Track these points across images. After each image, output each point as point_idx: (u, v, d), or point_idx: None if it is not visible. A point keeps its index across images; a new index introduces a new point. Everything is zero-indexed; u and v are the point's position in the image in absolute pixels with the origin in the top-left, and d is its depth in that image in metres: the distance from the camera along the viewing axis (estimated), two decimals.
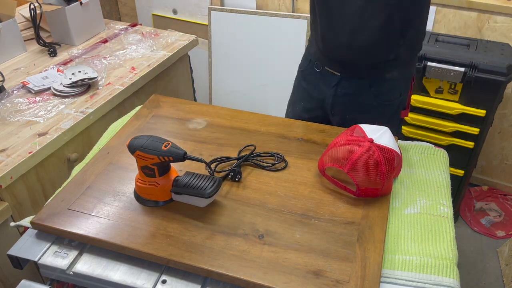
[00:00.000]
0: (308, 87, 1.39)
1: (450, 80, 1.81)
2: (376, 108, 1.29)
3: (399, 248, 0.88)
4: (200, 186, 0.91)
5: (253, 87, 2.55)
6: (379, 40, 1.18)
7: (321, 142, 1.14)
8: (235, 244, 0.86)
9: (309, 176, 1.03)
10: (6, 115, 1.40)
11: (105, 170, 1.05)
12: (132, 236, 0.87)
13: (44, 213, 0.93)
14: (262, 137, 1.15)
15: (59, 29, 1.85)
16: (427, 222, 0.93)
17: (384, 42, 1.19)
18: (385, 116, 1.31)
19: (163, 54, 1.79)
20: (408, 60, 1.28)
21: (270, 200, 0.96)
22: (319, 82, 1.34)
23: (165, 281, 0.83)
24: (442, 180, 1.05)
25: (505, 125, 2.18)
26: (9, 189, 1.22)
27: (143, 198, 0.95)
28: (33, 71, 1.67)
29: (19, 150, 1.26)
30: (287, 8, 2.33)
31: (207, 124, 1.21)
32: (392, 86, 1.28)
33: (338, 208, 0.94)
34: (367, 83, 1.27)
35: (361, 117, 1.22)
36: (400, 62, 1.25)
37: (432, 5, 2.03)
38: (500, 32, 1.98)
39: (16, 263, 0.90)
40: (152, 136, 0.91)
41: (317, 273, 0.80)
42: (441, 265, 0.84)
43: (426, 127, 1.96)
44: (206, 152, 1.10)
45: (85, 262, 0.86)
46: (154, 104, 1.29)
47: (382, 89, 1.27)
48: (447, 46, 1.87)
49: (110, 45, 1.87)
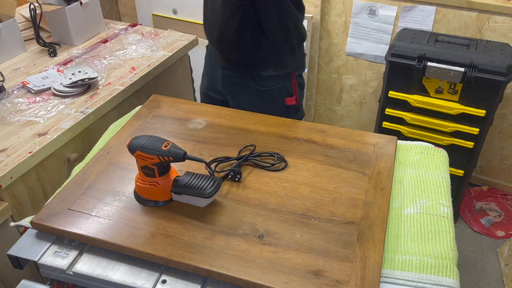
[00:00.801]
0: (208, 63, 1.54)
1: (450, 80, 1.81)
2: (256, 93, 1.40)
3: (399, 248, 0.88)
4: (200, 186, 0.91)
5: None
6: (242, 39, 1.27)
7: (321, 142, 1.14)
8: (235, 244, 0.86)
9: (309, 176, 1.03)
10: (6, 115, 1.40)
11: (105, 170, 1.05)
12: (132, 236, 0.87)
13: (44, 213, 0.93)
14: (262, 137, 1.16)
15: (59, 29, 1.85)
16: (427, 222, 0.93)
17: (247, 41, 1.28)
18: (266, 101, 1.41)
19: (163, 54, 1.79)
20: (283, 60, 1.35)
21: (270, 200, 0.96)
22: (214, 62, 1.47)
23: (165, 281, 0.83)
24: (442, 180, 1.05)
25: (505, 125, 2.18)
26: (9, 189, 1.22)
27: (143, 198, 0.95)
28: (33, 71, 1.67)
29: (19, 150, 1.26)
30: None
31: (207, 124, 1.21)
32: (269, 79, 1.38)
33: (338, 208, 0.94)
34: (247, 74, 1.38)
35: (247, 99, 1.41)
36: (273, 62, 1.34)
37: (432, 5, 2.03)
38: (500, 32, 1.98)
39: (16, 263, 0.90)
40: (152, 136, 0.91)
41: (317, 273, 0.80)
42: (441, 265, 0.84)
43: (426, 127, 1.96)
44: (206, 152, 1.10)
45: (85, 262, 0.87)
46: (154, 104, 1.30)
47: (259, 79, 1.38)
48: (447, 46, 1.87)
49: (110, 45, 1.87)
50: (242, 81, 1.42)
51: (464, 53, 1.81)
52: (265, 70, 1.37)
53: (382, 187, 0.99)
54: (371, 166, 1.05)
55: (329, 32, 2.34)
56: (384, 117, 2.03)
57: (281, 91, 1.41)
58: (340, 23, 2.28)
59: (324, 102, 2.60)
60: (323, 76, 2.50)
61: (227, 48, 1.36)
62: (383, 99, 2.00)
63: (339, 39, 2.33)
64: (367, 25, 2.23)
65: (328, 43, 2.37)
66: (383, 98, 2.00)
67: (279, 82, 1.39)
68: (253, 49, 1.31)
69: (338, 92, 2.52)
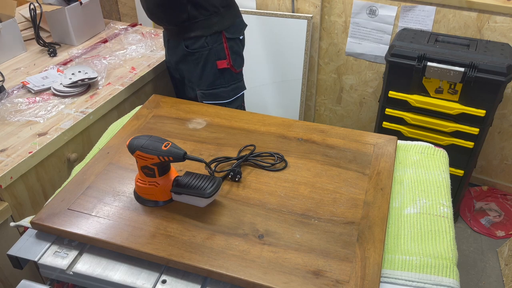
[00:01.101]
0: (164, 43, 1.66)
1: (450, 80, 1.81)
2: (189, 57, 1.53)
3: (399, 248, 0.88)
4: (200, 186, 0.91)
5: (253, 87, 2.55)
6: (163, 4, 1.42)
7: (321, 142, 1.14)
8: (235, 244, 0.86)
9: (309, 176, 1.03)
10: (6, 115, 1.40)
11: (105, 170, 1.05)
12: (132, 236, 0.87)
13: (44, 213, 0.93)
14: (262, 137, 1.16)
15: (59, 29, 1.85)
16: (427, 222, 0.93)
17: (168, 4, 1.41)
18: (198, 64, 1.53)
19: (163, 54, 1.79)
20: (207, 20, 1.47)
21: (270, 200, 0.96)
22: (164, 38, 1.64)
23: (165, 281, 0.83)
24: (442, 180, 1.05)
25: (505, 125, 2.18)
26: (9, 189, 1.22)
27: (143, 198, 0.95)
28: (33, 71, 1.67)
29: (19, 150, 1.26)
30: (287, 8, 2.33)
31: (207, 124, 1.21)
32: (197, 40, 1.49)
33: (338, 208, 0.94)
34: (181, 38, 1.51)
35: (184, 66, 1.56)
36: (199, 23, 1.46)
37: (432, 5, 2.03)
38: (500, 32, 1.98)
39: (16, 263, 0.90)
40: (152, 136, 0.91)
41: (317, 273, 0.80)
42: (441, 265, 0.84)
43: (426, 127, 1.96)
44: (206, 152, 1.10)
45: (85, 262, 0.87)
46: (154, 104, 1.30)
47: (190, 42, 1.50)
48: (447, 46, 1.87)
49: (110, 45, 1.87)
50: (178, 47, 1.54)
51: (464, 53, 1.80)
52: (194, 30, 1.47)
53: (382, 187, 0.99)
54: (371, 166, 1.05)
55: (329, 32, 2.33)
56: (384, 117, 2.03)
57: (211, 53, 1.50)
58: (340, 23, 2.28)
59: (324, 102, 2.60)
60: (323, 76, 2.50)
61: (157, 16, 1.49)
62: (383, 99, 2.00)
63: (339, 39, 2.33)
64: (367, 25, 2.23)
65: (328, 43, 2.37)
66: (383, 98, 2.00)
67: (208, 44, 1.49)
68: (177, 11, 1.43)
69: (338, 92, 2.52)
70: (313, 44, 2.36)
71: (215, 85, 1.55)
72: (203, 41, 1.49)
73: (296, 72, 2.43)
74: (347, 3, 2.21)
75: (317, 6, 2.24)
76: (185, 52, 1.52)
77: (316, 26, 2.30)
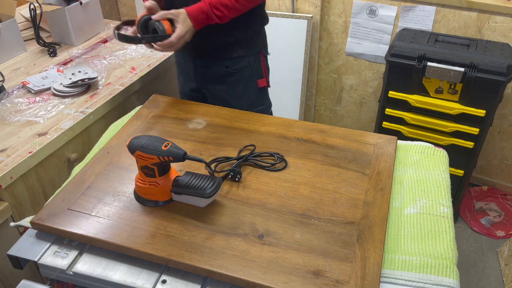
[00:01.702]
0: (179, 59, 1.57)
1: (450, 80, 1.81)
2: (228, 78, 1.46)
3: (399, 248, 0.88)
4: (200, 186, 0.91)
5: None
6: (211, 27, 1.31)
7: (321, 142, 1.14)
8: (235, 244, 0.86)
9: (309, 176, 1.03)
10: (6, 115, 1.40)
11: (105, 170, 1.05)
12: (132, 236, 0.87)
13: (44, 213, 0.93)
14: (262, 137, 1.16)
15: (59, 29, 1.85)
16: (427, 222, 0.93)
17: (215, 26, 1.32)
18: (239, 85, 1.47)
19: (163, 54, 1.79)
20: (250, 41, 1.43)
21: (270, 200, 0.96)
22: (184, 55, 1.52)
23: (165, 281, 0.83)
24: (442, 180, 1.05)
25: (505, 125, 2.18)
26: (9, 189, 1.22)
27: (143, 198, 0.95)
28: (33, 71, 1.67)
29: (19, 150, 1.26)
30: (287, 8, 2.33)
31: (207, 124, 1.21)
32: (240, 60, 1.44)
33: (338, 208, 0.94)
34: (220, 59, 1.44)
35: (220, 87, 1.47)
36: (242, 43, 1.41)
37: (432, 5, 2.03)
38: (499, 32, 1.98)
39: (16, 263, 0.90)
40: (152, 136, 0.91)
41: (317, 273, 0.80)
42: (441, 265, 0.84)
43: (426, 127, 1.96)
44: (206, 152, 1.10)
45: (85, 262, 0.87)
46: (154, 104, 1.30)
47: (231, 62, 1.44)
48: (447, 46, 1.87)
49: (110, 45, 1.87)
50: (213, 67, 1.45)
51: (464, 53, 1.80)
52: (236, 51, 1.42)
53: (382, 187, 0.99)
54: (371, 166, 1.05)
55: (329, 32, 2.34)
56: (384, 117, 2.03)
57: (253, 72, 1.47)
58: (340, 23, 2.28)
59: (324, 102, 2.60)
60: (323, 76, 2.50)
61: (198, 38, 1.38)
62: (383, 99, 2.01)
63: (339, 39, 2.33)
64: (367, 25, 2.23)
65: (328, 43, 2.37)
66: (383, 98, 2.00)
67: (250, 64, 1.45)
68: (222, 34, 1.37)
69: (338, 92, 2.52)
70: (313, 44, 2.36)
71: (255, 105, 1.52)
72: (245, 61, 1.44)
73: (296, 72, 2.43)
74: (347, 3, 2.21)
75: (317, 6, 2.24)
76: (224, 73, 1.45)
77: (316, 26, 2.30)
